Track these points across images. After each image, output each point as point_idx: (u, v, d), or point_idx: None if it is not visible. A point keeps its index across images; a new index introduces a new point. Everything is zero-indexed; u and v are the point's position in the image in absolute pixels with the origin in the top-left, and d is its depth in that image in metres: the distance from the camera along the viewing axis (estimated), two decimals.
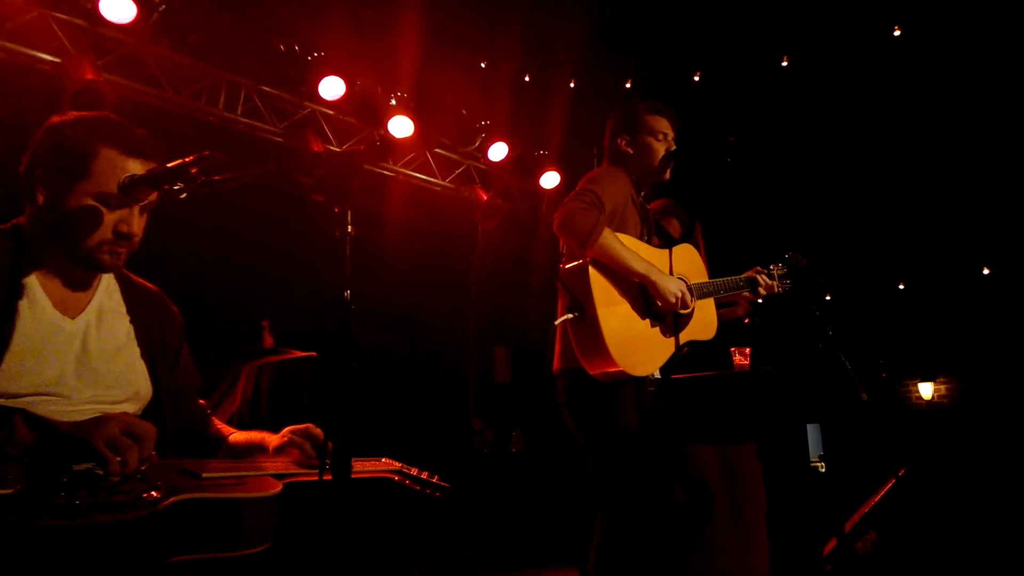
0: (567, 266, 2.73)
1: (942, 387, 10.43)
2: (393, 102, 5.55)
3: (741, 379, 4.30)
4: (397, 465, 2.03)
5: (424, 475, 2.07)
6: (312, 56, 5.09)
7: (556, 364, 2.84)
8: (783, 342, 4.58)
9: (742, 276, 3.11)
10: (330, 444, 1.31)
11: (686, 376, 4.30)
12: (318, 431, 1.76)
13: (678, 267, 2.88)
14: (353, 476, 1.80)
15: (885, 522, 4.19)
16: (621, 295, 2.68)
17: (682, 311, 2.77)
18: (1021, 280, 9.03)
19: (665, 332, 2.78)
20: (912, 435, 10.25)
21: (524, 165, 6.50)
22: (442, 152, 6.35)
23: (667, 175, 2.98)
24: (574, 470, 5.28)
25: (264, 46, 4.97)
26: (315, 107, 5.56)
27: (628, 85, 6.44)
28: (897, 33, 5.95)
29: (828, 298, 9.26)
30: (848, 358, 3.02)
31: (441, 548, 5.09)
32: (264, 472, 1.62)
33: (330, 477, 1.31)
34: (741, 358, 4.27)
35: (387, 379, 5.68)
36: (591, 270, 2.64)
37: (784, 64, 6.16)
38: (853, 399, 3.03)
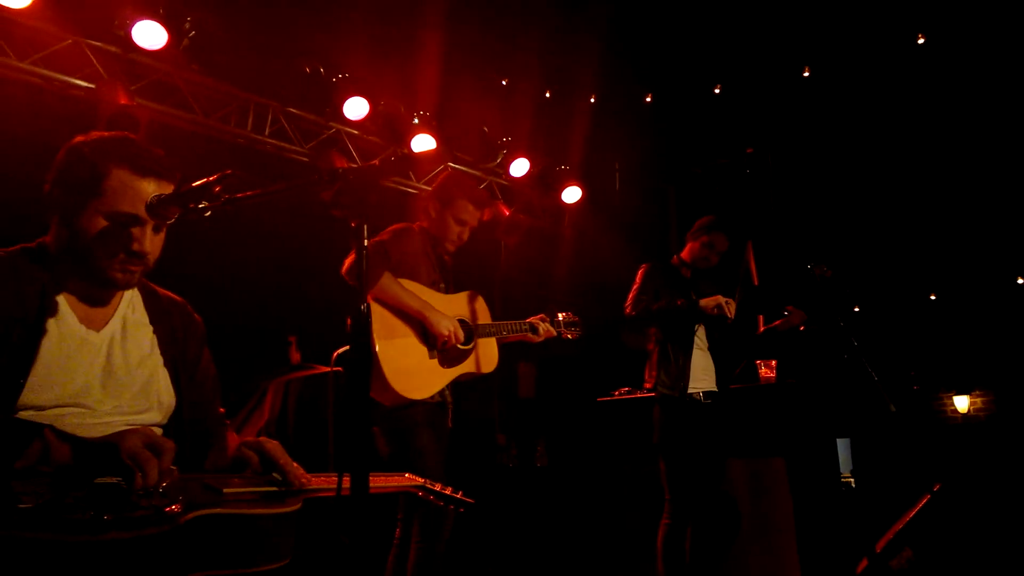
0: None
1: (978, 400, 10.20)
2: (416, 120, 5.61)
3: (767, 392, 4.25)
4: (420, 480, 2.04)
5: (448, 490, 2.07)
6: (336, 77, 5.17)
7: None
8: (810, 354, 4.53)
9: (526, 320, 3.53)
10: (346, 476, 1.32)
11: (740, 387, 4.23)
12: (272, 446, 1.73)
13: (459, 310, 3.25)
14: (375, 491, 1.82)
15: (921, 539, 4.09)
16: (402, 330, 3.05)
17: (461, 346, 3.13)
18: None
19: (444, 363, 3.14)
20: (947, 450, 10.01)
21: (546, 180, 6.51)
22: (464, 168, 6.38)
23: (453, 249, 3.43)
24: (600, 484, 5.24)
25: (290, 69, 5.05)
26: (340, 127, 5.63)
27: (648, 99, 6.44)
28: (921, 41, 5.87)
29: (856, 310, 9.12)
30: (878, 371, 2.98)
31: (465, 565, 5.06)
32: (285, 488, 1.64)
33: (349, 493, 1.31)
34: (767, 371, 4.23)
35: None
36: (373, 306, 2.97)
37: (806, 75, 6.11)
38: (883, 412, 2.98)
